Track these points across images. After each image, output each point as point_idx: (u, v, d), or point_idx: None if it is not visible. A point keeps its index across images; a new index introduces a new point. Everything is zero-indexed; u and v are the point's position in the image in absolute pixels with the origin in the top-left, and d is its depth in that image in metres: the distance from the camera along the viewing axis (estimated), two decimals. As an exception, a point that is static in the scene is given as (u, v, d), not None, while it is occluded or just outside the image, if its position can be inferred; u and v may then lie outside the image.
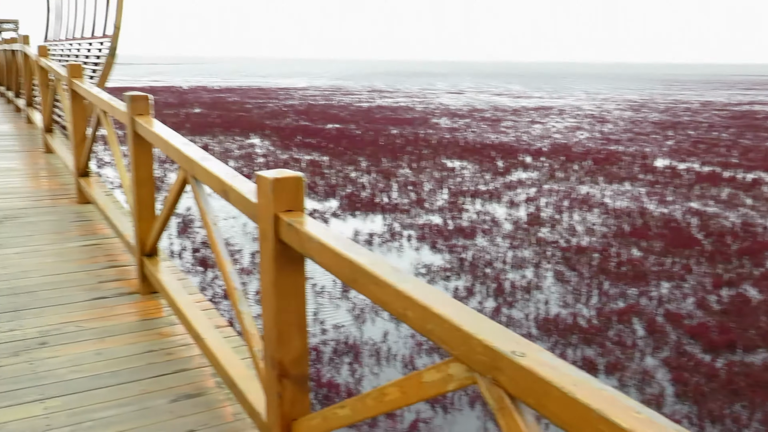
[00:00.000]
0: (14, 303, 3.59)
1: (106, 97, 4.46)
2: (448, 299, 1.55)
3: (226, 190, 2.42)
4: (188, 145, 2.94)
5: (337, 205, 12.19)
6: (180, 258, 9.11)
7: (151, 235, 3.64)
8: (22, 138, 8.59)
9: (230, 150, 18.54)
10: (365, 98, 42.43)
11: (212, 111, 29.67)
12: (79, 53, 11.81)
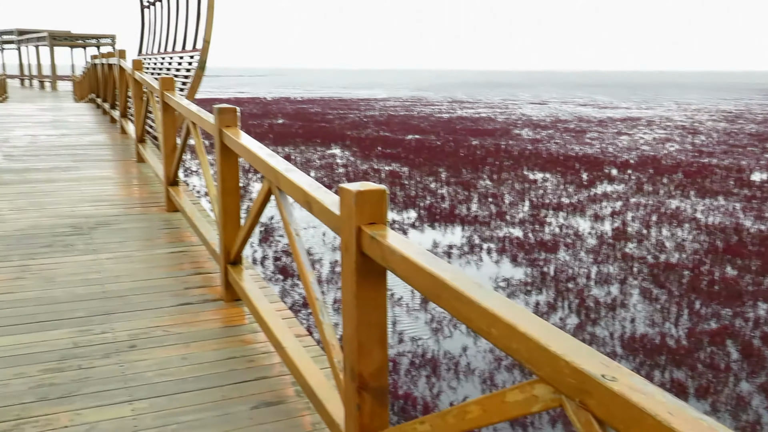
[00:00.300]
0: (106, 307, 3.73)
1: (195, 109, 4.60)
2: (534, 318, 1.50)
3: (309, 202, 2.43)
4: (273, 156, 2.99)
5: (416, 217, 12.18)
6: (262, 266, 9.30)
7: (235, 243, 3.72)
8: (116, 148, 9.00)
9: (311, 160, 18.86)
10: (445, 109, 42.38)
11: (295, 122, 30.31)
12: (170, 66, 12.30)
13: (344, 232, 2.12)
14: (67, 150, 8.65)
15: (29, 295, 3.85)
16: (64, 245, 4.77)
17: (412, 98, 56.69)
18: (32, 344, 3.25)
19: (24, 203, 5.91)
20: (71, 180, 6.88)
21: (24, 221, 5.34)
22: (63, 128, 11.02)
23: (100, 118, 12.86)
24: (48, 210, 5.69)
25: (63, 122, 12.00)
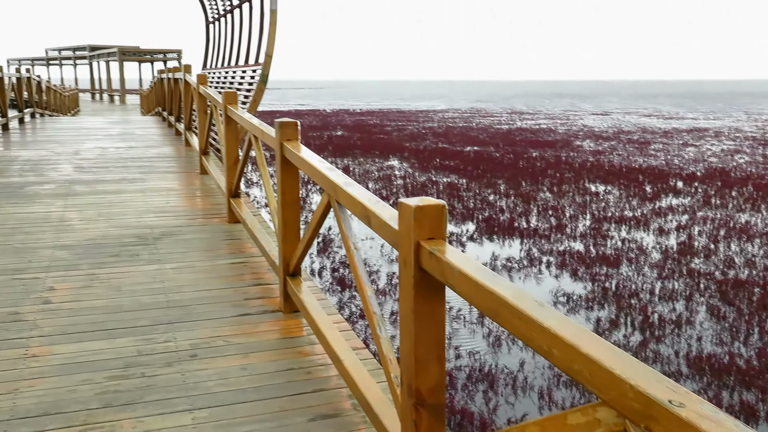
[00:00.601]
0: (169, 316, 3.82)
1: (257, 122, 4.69)
2: (598, 339, 1.46)
3: (368, 216, 2.44)
4: (333, 170, 3.01)
5: (475, 229, 12.08)
6: (319, 277, 9.38)
7: (294, 255, 3.76)
8: (181, 160, 9.24)
9: (370, 171, 18.97)
10: (505, 120, 42.04)
11: (353, 133, 30.57)
12: (233, 79, 12.59)
13: (403, 247, 2.11)
14: (135, 162, 8.93)
15: (97, 303, 3.98)
16: (131, 255, 4.92)
17: (471, 109, 56.46)
18: (99, 351, 3.35)
19: (93, 213, 6.12)
20: (138, 191, 7.09)
21: (93, 231, 5.53)
22: (131, 141, 11.39)
23: (165, 131, 13.25)
24: (116, 220, 5.88)
25: (131, 135, 12.41)
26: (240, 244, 5.24)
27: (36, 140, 11.40)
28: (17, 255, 4.83)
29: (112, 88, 42.12)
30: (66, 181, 7.51)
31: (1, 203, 6.43)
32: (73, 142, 10.98)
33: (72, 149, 10.09)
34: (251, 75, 11.09)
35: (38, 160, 8.94)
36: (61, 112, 23.98)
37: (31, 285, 4.24)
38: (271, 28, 9.75)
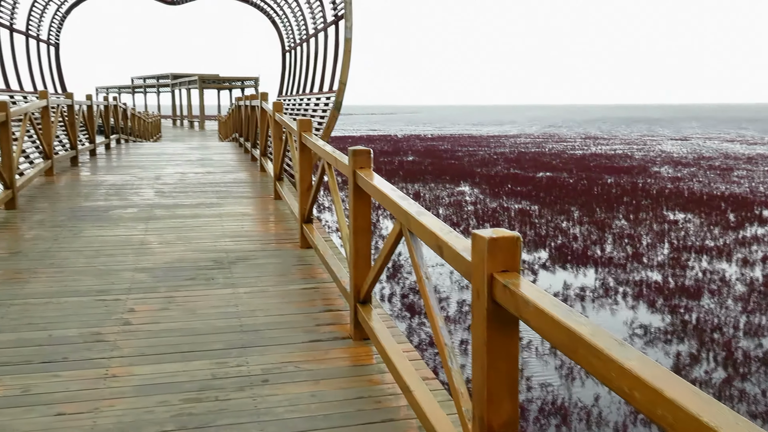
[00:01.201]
0: (242, 340, 3.89)
1: (330, 150, 4.75)
2: (683, 383, 1.39)
3: (440, 246, 2.42)
4: (405, 199, 3.01)
5: (547, 257, 11.85)
6: (390, 302, 9.37)
7: (365, 283, 3.76)
8: (256, 185, 9.47)
9: (440, 197, 18.93)
10: (579, 145, 41.30)
11: (424, 158, 30.64)
12: (308, 106, 12.85)
13: (476, 278, 2.08)
14: (212, 187, 9.20)
15: (173, 325, 4.09)
16: (206, 279, 5.04)
17: (543, 134, 55.77)
18: (175, 373, 3.43)
19: (172, 237, 6.32)
20: (214, 215, 7.29)
21: (171, 254, 5.70)
22: (209, 166, 11.76)
23: (241, 156, 13.61)
24: (193, 244, 6.06)
25: (209, 160, 12.81)
26: (312, 270, 5.29)
27: (120, 165, 11.91)
28: (101, 277, 5.03)
29: (192, 115, 43.71)
30: (147, 206, 7.80)
31: (88, 226, 6.72)
32: (154, 168, 11.42)
33: (154, 174, 10.49)
34: (325, 102, 11.30)
35: (122, 185, 9.33)
36: (145, 137, 25.02)
37: (113, 306, 4.40)
38: (345, 56, 9.92)
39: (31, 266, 5.29)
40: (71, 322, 4.10)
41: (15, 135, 9.20)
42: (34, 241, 6.09)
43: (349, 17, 10.14)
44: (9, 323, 4.08)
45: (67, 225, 6.76)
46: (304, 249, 5.91)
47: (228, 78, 41.82)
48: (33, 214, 7.33)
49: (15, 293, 4.63)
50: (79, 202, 8.00)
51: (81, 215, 7.25)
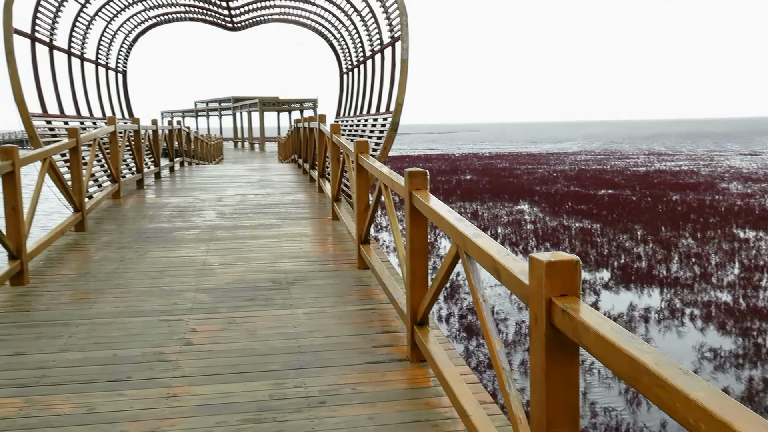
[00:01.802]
0: (300, 361, 3.91)
1: (387, 171, 4.77)
2: (753, 415, 1.32)
3: (497, 269, 2.38)
4: (461, 221, 2.98)
5: (610, 277, 11.56)
6: (447, 323, 9.29)
7: (422, 305, 3.74)
8: (314, 206, 9.57)
9: (499, 216, 18.75)
10: (642, 162, 40.33)
11: (482, 177, 30.44)
12: (365, 127, 12.96)
13: (533, 303, 2.04)
14: (271, 208, 9.35)
15: (233, 346, 4.14)
16: (265, 299, 5.10)
17: (604, 151, 54.71)
18: (233, 394, 3.47)
19: (232, 258, 6.43)
20: (273, 236, 7.39)
21: (232, 275, 5.80)
22: (268, 187, 11.96)
23: (300, 177, 13.81)
24: (252, 265, 6.15)
25: (268, 182, 13.04)
26: (369, 291, 5.30)
27: (184, 187, 12.23)
28: (164, 297, 5.15)
29: (253, 137, 44.65)
30: (209, 227, 7.97)
31: (152, 247, 6.91)
32: (216, 189, 11.68)
33: (215, 196, 10.73)
34: (382, 123, 11.37)
35: (185, 207, 9.58)
36: (207, 160, 25.67)
37: (175, 326, 4.49)
38: (402, 77, 9.98)
39: (98, 287, 5.46)
40: (135, 342, 4.21)
41: (85, 159, 9.56)
42: (101, 263, 6.29)
43: (405, 38, 10.21)
44: (77, 342, 4.21)
45: (133, 246, 6.97)
46: (362, 270, 5.92)
47: (287, 100, 42.62)
48: (101, 235, 7.58)
49: (83, 313, 4.78)
50: (144, 224, 8.24)
51: (146, 237, 7.46)
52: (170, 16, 18.66)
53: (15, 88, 9.52)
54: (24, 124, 9.71)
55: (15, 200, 5.57)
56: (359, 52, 16.40)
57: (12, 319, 4.68)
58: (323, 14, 17.44)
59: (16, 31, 10.06)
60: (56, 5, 12.09)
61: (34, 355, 4.01)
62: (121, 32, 17.52)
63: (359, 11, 14.39)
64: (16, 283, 5.49)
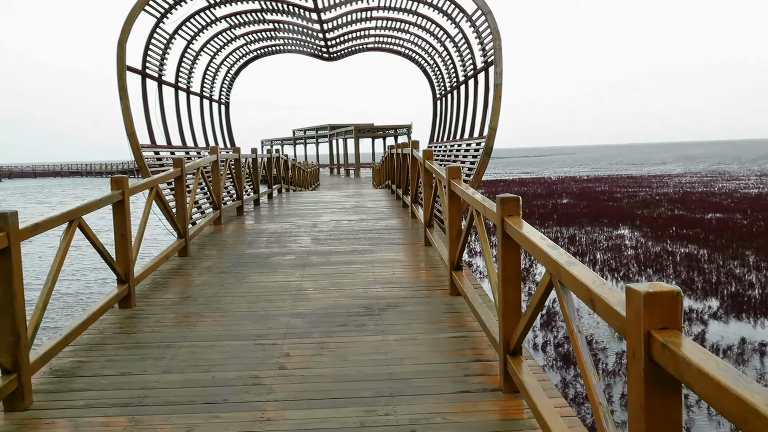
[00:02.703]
0: (391, 388, 3.89)
1: (479, 197, 4.72)
2: None
3: (592, 299, 2.29)
4: (555, 248, 2.90)
5: (719, 306, 10.92)
6: (543, 351, 9.04)
7: (515, 333, 3.65)
8: (407, 232, 9.59)
9: (598, 241, 18.16)
10: (753, 183, 38.13)
11: (580, 201, 29.64)
12: (458, 152, 12.93)
13: (631, 336, 1.94)
14: (365, 234, 9.45)
15: (325, 371, 4.18)
16: (357, 325, 5.13)
17: (711, 173, 52.14)
18: (325, 419, 3.49)
19: (326, 283, 6.53)
20: (366, 262, 7.45)
21: (325, 300, 5.88)
22: (362, 213, 12.11)
23: (393, 203, 13.90)
24: (345, 290, 6.21)
25: (362, 208, 13.21)
26: (461, 318, 5.23)
27: (281, 214, 12.57)
28: (260, 321, 5.28)
29: (348, 163, 45.48)
30: (304, 252, 8.14)
31: (250, 272, 7.12)
32: (312, 216, 11.94)
33: (311, 222, 10.96)
34: (475, 148, 11.31)
35: (282, 233, 9.83)
36: (304, 186, 26.32)
37: (270, 351, 4.59)
38: (495, 101, 9.91)
39: (199, 310, 5.66)
40: (232, 365, 4.32)
41: (189, 187, 10.01)
42: (202, 287, 6.53)
43: (498, 63, 10.15)
44: (178, 364, 4.37)
45: (232, 271, 7.20)
46: (454, 296, 5.86)
47: (381, 127, 43.20)
48: (202, 260, 7.88)
49: (184, 335, 4.97)
50: (243, 250, 8.51)
51: (244, 262, 7.69)
52: (270, 49, 19.38)
53: (127, 122, 10.12)
54: (134, 155, 10.29)
55: (124, 227, 5.88)
56: (452, 78, 16.44)
57: (119, 341, 4.92)
58: (416, 41, 17.63)
59: (129, 68, 10.72)
60: (164, 42, 12.82)
61: (138, 375, 4.19)
62: (224, 66, 18.34)
63: (452, 37, 14.45)
64: (123, 306, 5.78)
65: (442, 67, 17.38)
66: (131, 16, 10.56)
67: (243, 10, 14.78)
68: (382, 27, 17.04)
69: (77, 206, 4.90)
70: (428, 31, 15.72)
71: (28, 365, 3.79)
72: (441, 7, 13.15)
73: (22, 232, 3.82)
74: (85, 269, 17.55)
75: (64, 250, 4.60)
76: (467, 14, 12.36)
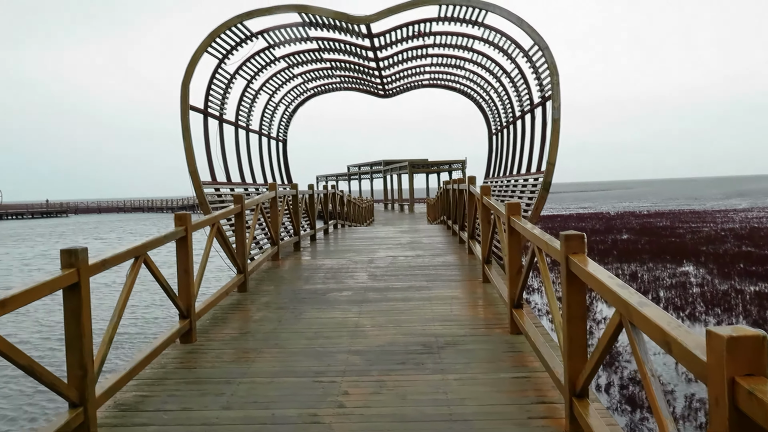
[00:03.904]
0: (452, 429, 3.79)
1: (540, 233, 4.63)
2: None
3: (667, 342, 2.20)
4: (624, 287, 2.80)
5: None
6: (606, 393, 8.74)
7: (581, 375, 3.53)
8: (464, 268, 9.49)
9: (660, 278, 17.62)
10: (824, 219, 36.54)
11: (640, 237, 28.90)
12: (515, 187, 12.80)
13: (713, 382, 1.84)
14: (421, 270, 9.39)
15: (384, 411, 4.12)
16: (416, 363, 5.06)
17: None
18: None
19: (384, 320, 6.48)
20: (424, 299, 7.38)
21: (383, 338, 5.83)
22: (418, 249, 12.06)
23: (449, 239, 13.82)
24: (403, 327, 6.15)
25: (418, 243, 13.16)
26: (522, 357, 5.10)
27: (337, 249, 12.63)
28: (318, 358, 5.26)
29: (402, 198, 45.58)
30: (361, 289, 8.12)
31: (308, 308, 7.14)
32: (367, 251, 11.95)
33: (367, 258, 10.97)
34: (533, 183, 11.19)
35: (338, 268, 9.85)
36: (359, 222, 26.46)
37: (329, 388, 4.55)
38: (554, 136, 9.80)
39: (257, 346, 5.69)
40: (291, 402, 4.30)
41: (248, 223, 10.16)
42: (261, 322, 6.57)
43: (556, 98, 10.06)
44: (238, 400, 4.37)
45: (290, 307, 7.23)
46: (514, 335, 5.73)
47: (436, 162, 43.28)
48: (261, 296, 7.95)
49: (243, 371, 4.98)
50: (300, 285, 8.55)
51: (302, 297, 7.72)
52: (327, 87, 19.73)
53: (189, 160, 10.39)
54: (196, 192, 10.53)
55: (187, 263, 5.98)
56: (508, 113, 16.39)
57: (181, 375, 4.97)
58: (471, 77, 17.68)
59: (191, 107, 11.04)
60: (225, 82, 13.19)
61: (199, 411, 4.21)
62: (282, 104, 18.74)
63: (508, 73, 14.44)
64: (185, 341, 5.85)
65: (498, 102, 17.35)
66: (194, 58, 10.92)
67: (301, 50, 15.12)
68: (437, 64, 17.17)
69: (143, 242, 5.02)
70: (483, 66, 15.75)
71: (94, 399, 3.86)
72: (497, 44, 13.17)
73: (91, 267, 3.92)
74: (133, 306, 17.92)
75: (130, 285, 4.70)
76: (523, 49, 12.34)
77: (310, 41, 14.19)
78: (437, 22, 12.59)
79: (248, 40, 12.60)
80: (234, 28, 11.71)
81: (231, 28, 11.60)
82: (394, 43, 14.18)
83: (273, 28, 12.99)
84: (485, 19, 12.07)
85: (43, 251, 37.97)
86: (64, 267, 3.75)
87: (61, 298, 3.81)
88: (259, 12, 11.28)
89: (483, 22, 12.15)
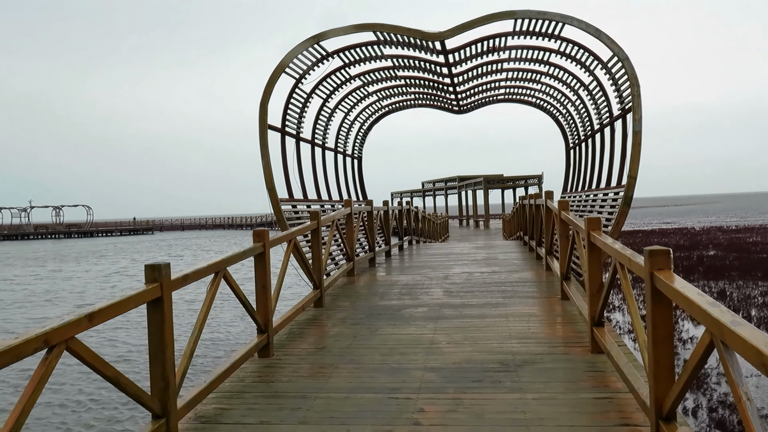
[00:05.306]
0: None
1: (622, 248, 4.48)
2: None
3: (765, 364, 2.06)
4: (715, 305, 2.66)
5: None
6: (693, 416, 8.34)
7: (668, 398, 3.37)
8: (541, 285, 9.29)
9: (751, 297, 16.75)
10: None
11: (728, 253, 27.60)
12: (594, 202, 12.47)
13: (818, 408, 1.71)
14: (497, 286, 9.24)
15: (461, 429, 4.04)
16: (493, 381, 4.96)
17: None
18: (463, 482, 3.35)
19: (459, 337, 6.40)
20: (500, 316, 7.26)
21: (459, 355, 5.75)
22: (494, 265, 11.90)
23: (526, 255, 13.57)
24: (479, 345, 6.05)
25: (494, 259, 12.99)
26: (604, 378, 4.93)
27: (412, 266, 12.61)
28: (393, 375, 5.23)
29: (477, 214, 45.23)
30: (436, 305, 8.06)
31: (383, 324, 7.13)
32: (443, 267, 11.87)
33: (442, 274, 10.89)
34: (613, 197, 10.87)
35: (413, 285, 9.82)
36: (433, 238, 26.37)
37: (404, 405, 4.52)
38: (634, 149, 9.50)
39: (333, 362, 5.71)
40: (367, 419, 4.29)
41: (324, 240, 10.28)
42: (336, 338, 6.61)
43: (637, 110, 9.76)
44: (314, 416, 4.39)
45: (365, 323, 7.24)
46: (595, 354, 5.54)
47: (511, 177, 42.78)
48: (336, 312, 8.00)
49: (320, 387, 5.01)
50: (375, 301, 8.56)
51: (377, 313, 7.73)
52: (401, 104, 19.83)
53: (267, 178, 10.61)
54: (273, 209, 10.74)
55: (265, 279, 6.09)
56: (586, 127, 16.02)
57: (258, 390, 5.04)
58: (547, 90, 17.40)
59: (270, 126, 11.30)
60: (302, 101, 13.45)
61: (276, 425, 4.25)
62: (357, 122, 18.94)
63: (586, 85, 14.14)
64: (263, 356, 5.94)
65: (575, 115, 17.00)
66: (272, 79, 11.18)
67: (376, 68, 15.26)
68: (512, 78, 16.98)
69: (223, 258, 5.13)
70: (560, 79, 15.48)
71: (176, 411, 3.95)
72: (574, 56, 12.93)
73: (173, 282, 4.03)
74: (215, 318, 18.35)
75: (210, 299, 4.81)
76: (602, 61, 12.06)
77: (385, 59, 14.31)
78: (512, 36, 12.47)
79: (324, 60, 12.82)
80: (311, 48, 11.93)
81: (308, 49, 11.83)
82: (469, 59, 14.11)
83: (348, 47, 13.17)
84: (562, 32, 11.87)
85: (121, 268, 39.60)
86: (148, 282, 3.87)
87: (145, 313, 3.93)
88: (334, 32, 11.47)
89: (559, 34, 11.95)
